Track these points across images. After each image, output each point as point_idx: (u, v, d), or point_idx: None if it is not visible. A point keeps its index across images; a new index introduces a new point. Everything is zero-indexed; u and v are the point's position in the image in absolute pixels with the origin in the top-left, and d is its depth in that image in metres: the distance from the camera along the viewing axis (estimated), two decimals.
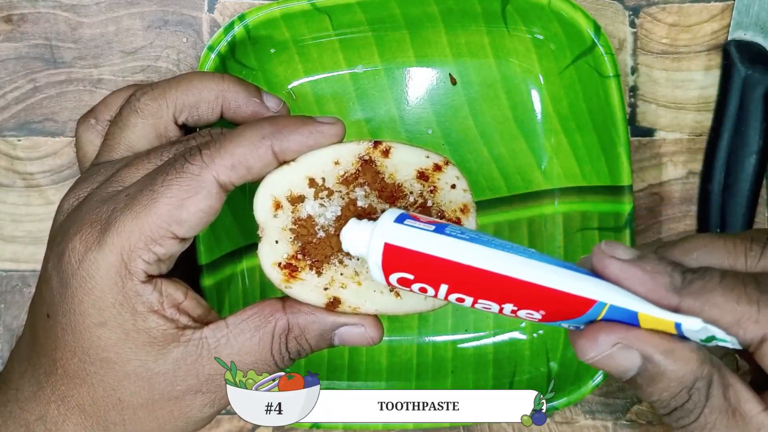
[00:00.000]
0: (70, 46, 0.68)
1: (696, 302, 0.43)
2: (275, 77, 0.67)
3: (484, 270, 0.44)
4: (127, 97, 0.56)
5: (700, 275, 0.44)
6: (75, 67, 0.68)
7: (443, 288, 0.46)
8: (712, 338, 0.44)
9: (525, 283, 0.44)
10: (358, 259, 0.51)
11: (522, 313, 0.45)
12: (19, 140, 0.68)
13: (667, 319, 0.44)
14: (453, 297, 0.46)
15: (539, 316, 0.45)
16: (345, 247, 0.49)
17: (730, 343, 0.44)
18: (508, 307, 0.45)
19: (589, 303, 0.44)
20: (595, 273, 0.45)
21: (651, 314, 0.44)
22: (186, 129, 0.56)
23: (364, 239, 0.48)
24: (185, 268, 0.62)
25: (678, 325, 0.44)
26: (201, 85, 0.55)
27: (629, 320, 0.44)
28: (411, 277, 0.46)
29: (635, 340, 0.44)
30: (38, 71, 0.68)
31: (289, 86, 0.67)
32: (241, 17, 0.63)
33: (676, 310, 0.44)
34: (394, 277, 0.47)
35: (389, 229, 0.47)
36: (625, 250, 0.45)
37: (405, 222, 0.47)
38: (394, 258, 0.46)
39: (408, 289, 0.47)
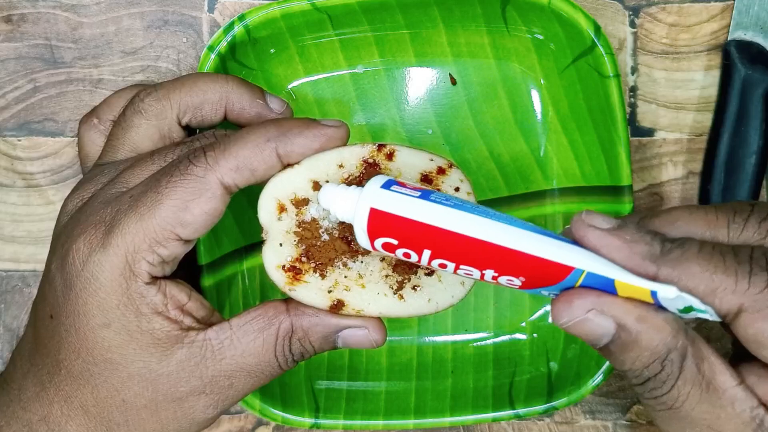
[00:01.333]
0: (70, 46, 0.68)
1: (673, 271, 0.43)
2: (275, 77, 0.67)
3: (465, 236, 0.45)
4: (129, 98, 0.56)
5: (679, 244, 0.44)
6: (75, 67, 0.68)
7: (426, 253, 0.46)
8: (690, 309, 0.44)
9: (504, 248, 0.44)
10: (362, 262, 0.51)
11: (503, 279, 0.45)
12: (19, 140, 0.68)
13: (643, 286, 0.44)
14: (436, 263, 0.46)
15: (519, 283, 0.45)
16: (333, 211, 0.49)
17: (708, 314, 0.44)
18: (489, 273, 0.45)
19: (566, 270, 0.44)
20: (576, 242, 0.46)
21: (627, 282, 0.44)
22: (189, 130, 0.56)
23: (350, 204, 0.48)
24: (187, 269, 0.62)
25: (654, 294, 0.44)
26: (205, 86, 0.55)
27: (606, 288, 0.45)
28: (395, 242, 0.47)
29: (609, 307, 0.44)
30: (38, 71, 0.68)
31: (289, 86, 0.67)
32: (241, 17, 0.63)
33: (653, 279, 0.44)
34: (379, 242, 0.47)
35: (375, 195, 0.47)
36: (604, 219, 0.45)
37: (391, 188, 0.47)
38: (380, 223, 0.47)
39: (392, 254, 0.47)
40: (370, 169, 0.51)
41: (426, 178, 0.51)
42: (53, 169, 0.68)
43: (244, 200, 0.63)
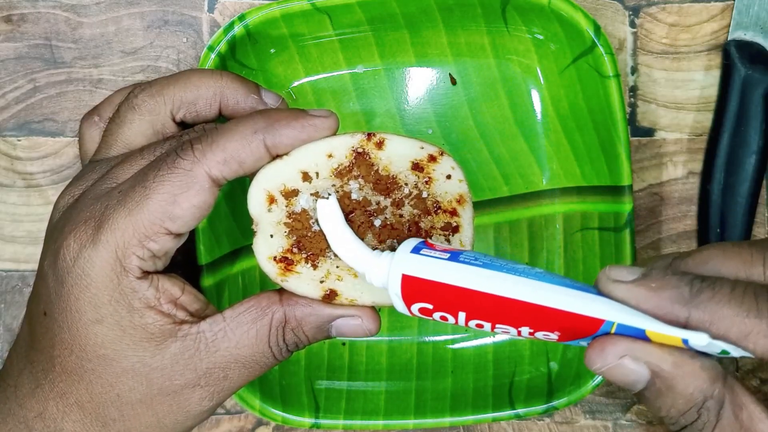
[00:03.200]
0: (70, 46, 0.68)
1: (704, 315, 0.42)
2: (275, 77, 0.67)
3: (498, 296, 0.44)
4: None
5: (709, 285, 0.43)
6: (75, 67, 0.68)
7: (462, 315, 0.46)
8: (727, 351, 0.43)
9: (535, 306, 0.44)
10: None
11: (539, 334, 0.45)
12: (19, 140, 0.68)
13: (674, 335, 0.43)
14: (472, 323, 0.46)
15: (555, 337, 0.45)
16: (368, 279, 0.49)
17: (747, 353, 0.43)
18: (525, 330, 0.45)
19: (598, 323, 0.43)
20: None
21: (657, 331, 0.43)
22: (184, 126, 0.56)
23: (383, 272, 0.48)
24: (187, 270, 0.62)
25: (686, 341, 0.43)
26: (199, 81, 0.55)
27: (640, 336, 0.44)
28: (430, 306, 0.47)
29: (643, 353, 0.43)
30: (38, 71, 0.68)
31: (290, 86, 0.67)
32: (241, 17, 0.63)
33: (685, 324, 0.42)
34: (415, 308, 0.47)
35: (406, 260, 0.47)
36: (629, 271, 0.44)
37: (421, 252, 0.47)
38: (413, 289, 0.47)
39: (430, 318, 0.47)
40: (360, 158, 0.50)
41: (417, 167, 0.51)
42: (53, 169, 0.68)
43: (244, 200, 0.63)
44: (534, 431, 0.69)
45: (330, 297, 0.51)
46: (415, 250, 0.47)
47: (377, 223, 0.50)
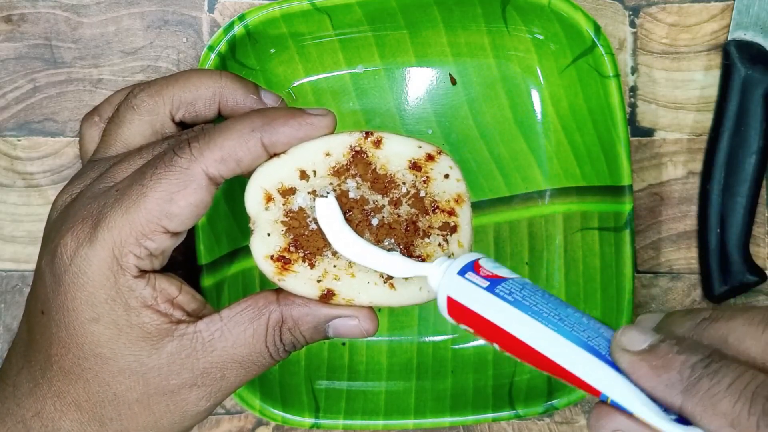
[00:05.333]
0: (70, 46, 0.68)
1: (696, 406, 0.40)
2: (275, 77, 0.67)
3: (519, 340, 0.45)
4: None
5: (711, 373, 0.41)
6: (75, 67, 0.68)
7: (496, 345, 0.47)
8: None
9: (548, 359, 0.44)
10: None
11: (561, 380, 0.45)
12: (19, 140, 0.68)
13: (658, 428, 0.41)
14: (507, 353, 0.47)
15: (573, 386, 0.45)
16: (428, 283, 0.50)
17: None
18: (546, 373, 0.46)
19: (598, 391, 0.43)
20: None
21: (644, 419, 0.42)
22: (184, 126, 0.56)
23: (435, 281, 0.49)
24: (186, 269, 0.62)
25: None
26: (198, 81, 0.55)
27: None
28: (472, 330, 0.48)
29: None
30: (38, 71, 0.68)
31: (290, 86, 0.67)
32: (241, 17, 0.63)
33: (679, 411, 0.41)
34: (462, 326, 0.48)
35: (451, 283, 0.48)
36: (640, 338, 0.43)
37: (466, 275, 0.48)
38: (456, 311, 0.48)
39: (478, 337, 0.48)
40: (358, 157, 0.50)
41: (415, 166, 0.51)
42: (53, 169, 0.69)
43: (243, 200, 0.63)
44: (534, 431, 0.69)
45: (327, 297, 0.51)
46: (463, 271, 0.48)
47: (375, 222, 0.50)
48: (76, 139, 0.68)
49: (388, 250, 0.50)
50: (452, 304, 0.48)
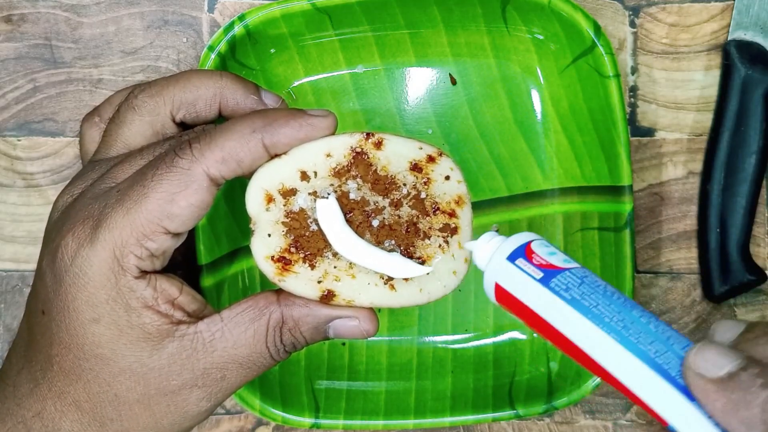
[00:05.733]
0: (70, 46, 0.68)
1: None
2: (275, 77, 0.67)
3: (576, 346, 0.43)
4: None
5: None
6: (75, 67, 0.68)
7: (542, 336, 0.46)
8: None
9: (610, 374, 0.42)
10: None
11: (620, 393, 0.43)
12: (19, 140, 0.68)
13: None
14: (560, 350, 0.45)
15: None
16: (474, 259, 0.49)
17: None
18: (600, 379, 0.44)
19: (664, 421, 0.41)
20: None
21: None
22: (184, 127, 0.56)
23: (483, 261, 0.48)
24: (186, 269, 0.62)
25: None
26: (199, 82, 0.55)
27: None
28: (520, 320, 0.46)
29: None
30: (38, 71, 0.68)
31: (290, 86, 0.67)
32: (241, 17, 0.63)
33: None
34: (510, 312, 0.47)
35: (501, 270, 0.46)
36: (717, 362, 0.40)
37: (516, 261, 0.46)
38: (505, 299, 0.46)
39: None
40: (358, 158, 0.50)
41: (416, 167, 0.51)
42: (53, 169, 0.69)
43: (244, 200, 0.63)
44: (534, 431, 0.69)
45: (328, 297, 0.51)
46: (512, 257, 0.46)
47: (375, 223, 0.51)
48: (76, 139, 0.68)
49: (389, 251, 0.50)
50: (501, 291, 0.46)
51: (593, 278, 0.45)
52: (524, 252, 0.46)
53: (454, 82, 0.68)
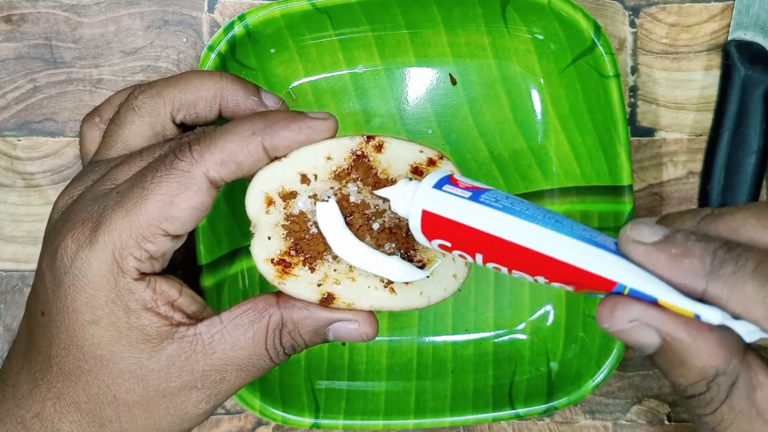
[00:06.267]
0: (70, 46, 0.68)
1: (722, 290, 0.40)
2: (275, 77, 0.67)
3: (513, 243, 0.44)
4: None
5: (734, 257, 0.40)
6: (75, 67, 0.68)
7: (479, 257, 0.46)
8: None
9: (550, 258, 0.43)
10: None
11: (555, 284, 0.44)
12: (19, 140, 0.68)
13: (686, 308, 0.41)
14: (490, 265, 0.46)
15: (571, 288, 0.44)
16: (392, 207, 0.49)
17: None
18: (541, 279, 0.44)
19: (611, 283, 0.42)
20: None
21: (669, 302, 0.41)
22: (185, 128, 0.56)
23: (406, 202, 0.48)
24: (187, 269, 0.62)
25: (698, 316, 0.41)
26: (199, 83, 0.55)
27: (653, 301, 0.42)
28: (449, 244, 0.46)
29: (654, 320, 0.42)
30: (38, 71, 0.68)
31: (290, 86, 0.67)
32: (241, 17, 0.63)
33: (702, 296, 0.41)
34: (435, 243, 0.47)
35: (427, 195, 0.46)
36: (651, 231, 0.42)
37: (443, 188, 0.46)
38: (432, 224, 0.46)
39: (450, 254, 0.47)
40: (359, 161, 0.50)
41: (416, 170, 0.51)
42: (53, 169, 0.69)
43: (243, 200, 0.63)
44: (534, 431, 0.69)
45: (327, 300, 0.51)
46: (438, 185, 0.47)
47: (375, 226, 0.51)
48: (76, 139, 0.68)
49: (389, 254, 0.50)
50: (428, 218, 0.46)
51: (518, 197, 0.46)
52: (449, 180, 0.47)
53: (454, 82, 0.68)
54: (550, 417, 0.69)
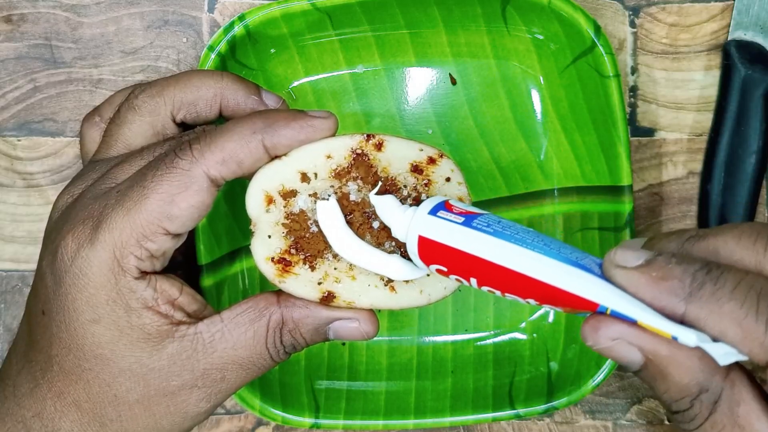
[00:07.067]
0: (70, 46, 0.68)
1: (700, 311, 0.40)
2: (275, 77, 0.67)
3: (504, 267, 0.45)
4: None
5: (713, 279, 0.41)
6: (75, 67, 0.68)
7: (473, 280, 0.46)
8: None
9: (539, 282, 0.44)
10: None
11: (545, 306, 0.45)
12: (19, 140, 0.68)
13: (663, 330, 0.41)
14: (484, 288, 0.46)
15: (560, 309, 0.45)
16: (393, 233, 0.50)
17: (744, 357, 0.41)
18: (532, 301, 0.45)
19: (594, 305, 0.43)
20: None
21: (648, 323, 0.42)
22: (185, 127, 0.56)
23: (403, 227, 0.49)
24: (187, 269, 0.62)
25: (675, 338, 0.41)
26: (199, 82, 0.55)
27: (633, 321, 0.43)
28: (445, 269, 0.47)
29: (636, 339, 0.42)
30: (38, 71, 0.68)
31: (290, 86, 0.67)
32: (241, 17, 0.63)
33: (682, 318, 0.41)
34: (433, 267, 0.48)
35: (423, 222, 0.47)
36: (635, 255, 0.43)
37: (438, 213, 0.47)
38: (428, 250, 0.47)
39: (447, 278, 0.48)
40: (359, 160, 0.50)
41: (416, 169, 0.51)
42: (53, 169, 0.69)
43: (244, 200, 0.63)
44: (534, 431, 0.69)
45: (328, 299, 0.51)
46: (433, 211, 0.47)
47: (376, 225, 0.51)
48: (76, 139, 0.68)
49: (389, 252, 0.50)
50: (424, 243, 0.47)
51: (509, 221, 0.47)
52: (444, 206, 0.48)
53: (454, 82, 0.68)
54: (550, 417, 0.69)
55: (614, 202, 0.64)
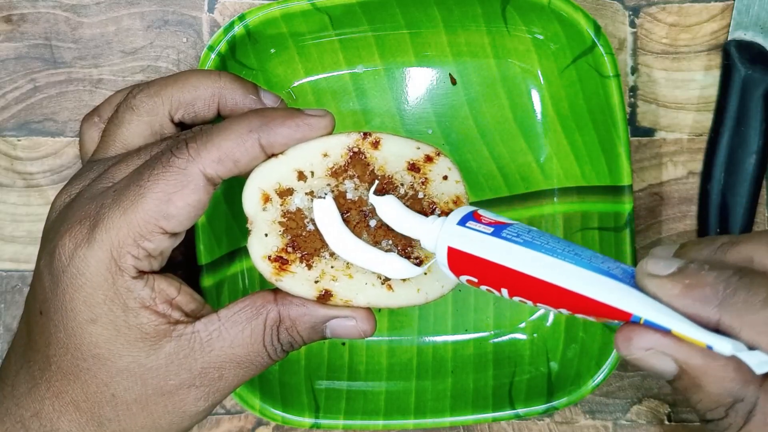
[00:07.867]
0: (70, 46, 0.68)
1: (734, 319, 0.40)
2: (275, 77, 0.67)
3: (536, 278, 0.45)
4: None
5: (746, 285, 0.41)
6: (75, 67, 0.68)
7: (504, 291, 0.46)
8: None
9: (571, 292, 0.44)
10: None
11: (577, 315, 0.45)
12: (19, 140, 0.69)
13: (698, 339, 0.41)
14: (516, 299, 0.46)
15: (592, 319, 0.45)
16: (423, 245, 0.50)
17: None
18: (564, 311, 0.45)
19: (628, 314, 0.43)
20: None
21: (682, 333, 0.41)
22: (183, 127, 0.56)
23: (432, 239, 0.48)
24: (186, 269, 0.62)
25: (710, 347, 0.41)
26: (197, 82, 0.54)
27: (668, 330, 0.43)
28: (476, 279, 0.47)
29: (669, 348, 0.42)
30: (38, 71, 0.68)
31: (290, 86, 0.67)
32: (241, 17, 0.63)
33: (716, 326, 0.41)
34: (463, 278, 0.48)
35: (452, 233, 0.47)
36: (666, 264, 0.43)
37: (467, 224, 0.47)
38: (458, 260, 0.47)
39: (479, 288, 0.48)
40: (355, 158, 0.50)
41: (413, 167, 0.51)
42: (53, 169, 0.69)
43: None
44: (534, 431, 0.69)
45: (325, 297, 0.51)
46: (462, 221, 0.47)
47: (372, 223, 0.51)
48: (76, 139, 0.68)
49: (386, 251, 0.50)
50: (453, 254, 0.47)
51: (539, 230, 0.47)
52: (473, 216, 0.48)
53: (454, 82, 0.68)
54: (550, 417, 0.69)
55: (614, 202, 0.64)
